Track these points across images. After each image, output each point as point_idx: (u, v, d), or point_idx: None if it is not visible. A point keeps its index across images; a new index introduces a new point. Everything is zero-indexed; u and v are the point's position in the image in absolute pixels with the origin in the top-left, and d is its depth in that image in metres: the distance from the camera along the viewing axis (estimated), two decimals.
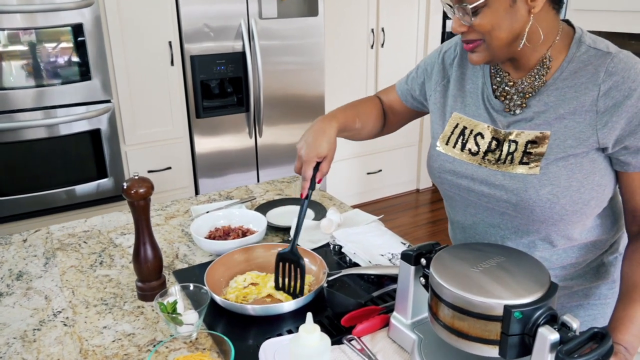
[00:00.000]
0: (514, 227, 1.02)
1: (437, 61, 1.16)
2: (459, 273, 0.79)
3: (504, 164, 0.98)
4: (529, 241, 1.02)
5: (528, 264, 0.81)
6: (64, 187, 2.67)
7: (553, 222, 0.96)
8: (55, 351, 0.98)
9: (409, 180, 4.23)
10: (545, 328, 0.69)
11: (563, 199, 0.93)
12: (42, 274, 1.26)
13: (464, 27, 0.93)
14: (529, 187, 0.94)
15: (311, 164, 1.12)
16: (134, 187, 1.05)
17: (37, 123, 2.50)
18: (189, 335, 0.97)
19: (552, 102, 0.95)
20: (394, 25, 3.67)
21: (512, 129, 0.99)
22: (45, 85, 2.50)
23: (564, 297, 1.09)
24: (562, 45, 0.96)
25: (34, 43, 2.43)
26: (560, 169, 0.93)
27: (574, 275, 1.06)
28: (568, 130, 0.93)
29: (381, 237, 1.32)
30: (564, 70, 0.94)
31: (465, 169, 1.03)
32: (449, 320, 0.78)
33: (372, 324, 0.98)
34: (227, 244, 1.27)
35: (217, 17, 2.84)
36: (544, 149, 0.94)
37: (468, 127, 1.05)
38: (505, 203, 0.98)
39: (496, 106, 1.02)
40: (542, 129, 0.95)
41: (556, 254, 1.03)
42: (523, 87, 0.98)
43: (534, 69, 0.97)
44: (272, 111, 3.17)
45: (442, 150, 1.08)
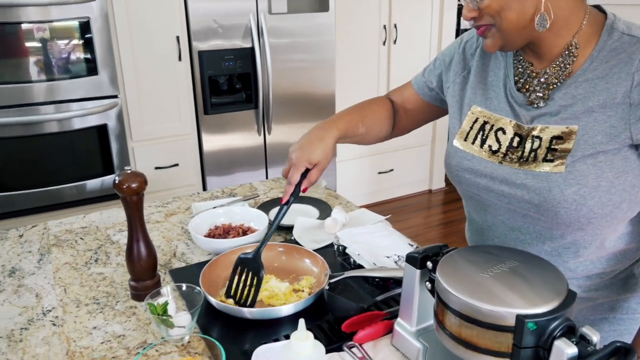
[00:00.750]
0: (536, 231, 0.94)
1: (458, 51, 1.10)
2: (468, 278, 0.72)
3: (527, 162, 0.91)
4: (552, 248, 0.94)
5: (544, 269, 0.74)
6: (70, 183, 2.64)
7: (579, 226, 0.88)
8: (41, 352, 0.93)
9: (422, 180, 4.16)
10: (562, 341, 0.63)
11: (591, 200, 0.85)
12: (36, 270, 1.22)
13: (473, 12, 0.87)
14: (553, 187, 0.87)
15: (299, 169, 1.07)
16: (126, 181, 1.00)
17: (43, 118, 2.48)
18: (181, 339, 0.92)
19: (580, 94, 0.87)
20: (407, 21, 3.59)
21: (535, 124, 0.91)
22: (52, 79, 2.48)
23: (587, 310, 1.01)
24: (590, 31, 0.88)
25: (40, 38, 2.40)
26: (588, 167, 0.85)
27: (599, 286, 0.98)
28: (597, 125, 0.85)
29: (388, 237, 1.26)
30: (594, 60, 0.87)
31: (484, 167, 0.96)
32: (456, 330, 0.71)
33: (375, 330, 0.92)
34: (225, 242, 1.22)
35: (226, 12, 2.80)
36: (571, 145, 0.86)
37: (489, 122, 0.98)
38: (527, 204, 0.91)
39: (519, 99, 0.95)
40: (568, 123, 0.88)
41: (582, 263, 0.95)
42: (546, 77, 0.91)
43: (559, 58, 0.89)
44: (281, 109, 3.12)
45: (460, 146, 1.01)
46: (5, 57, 2.36)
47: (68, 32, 2.46)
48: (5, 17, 2.30)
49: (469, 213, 1.11)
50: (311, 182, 1.08)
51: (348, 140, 1.20)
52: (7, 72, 2.38)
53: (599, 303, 1.00)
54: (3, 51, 2.35)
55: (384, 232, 1.28)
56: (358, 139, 1.22)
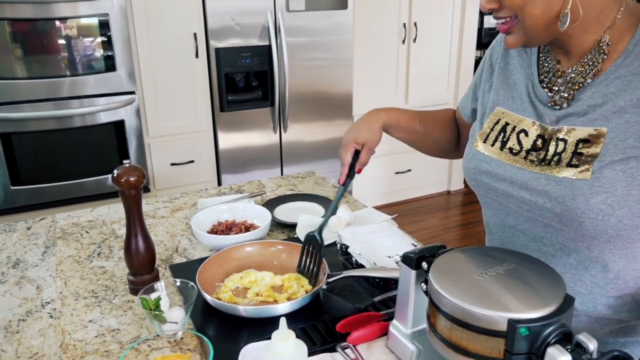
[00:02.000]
0: (560, 242, 0.88)
1: (485, 62, 1.05)
2: (461, 280, 0.69)
3: (549, 166, 0.84)
4: (578, 261, 0.87)
5: (542, 272, 0.71)
6: (87, 178, 2.67)
7: (607, 238, 0.81)
8: (35, 344, 0.93)
9: (440, 181, 4.10)
10: (555, 348, 0.59)
11: (620, 210, 0.78)
12: (39, 262, 1.22)
13: (493, 4, 0.82)
14: (578, 195, 0.80)
15: (348, 149, 1.12)
16: (125, 175, 1.00)
17: (62, 113, 2.51)
18: (173, 334, 0.91)
19: (611, 93, 0.80)
20: (428, 19, 3.53)
21: (561, 125, 0.85)
22: (71, 75, 2.51)
23: (617, 331, 0.92)
24: (626, 25, 0.81)
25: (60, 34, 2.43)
26: (617, 173, 0.78)
27: (632, 307, 0.89)
28: (630, 127, 0.78)
29: (391, 237, 1.23)
30: (628, 55, 0.80)
31: (503, 170, 0.90)
32: (447, 333, 0.68)
33: (370, 331, 0.90)
34: (227, 239, 1.21)
35: (244, 9, 2.80)
36: (598, 149, 0.80)
37: (510, 124, 0.92)
38: (549, 213, 0.85)
39: (543, 99, 0.89)
40: (597, 125, 0.81)
41: (612, 280, 0.87)
42: (572, 77, 0.85)
43: (587, 56, 0.83)
44: (297, 107, 3.10)
45: (480, 149, 0.95)
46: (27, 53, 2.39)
47: (88, 29, 2.49)
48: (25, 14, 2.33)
49: (487, 223, 1.04)
50: (362, 162, 1.14)
51: (403, 135, 1.18)
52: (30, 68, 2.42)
53: (631, 325, 0.91)
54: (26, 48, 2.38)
55: (387, 232, 1.26)
56: (415, 138, 1.19)
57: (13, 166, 2.50)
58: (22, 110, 2.43)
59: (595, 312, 0.90)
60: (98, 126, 2.63)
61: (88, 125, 2.60)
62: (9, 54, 2.36)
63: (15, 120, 2.43)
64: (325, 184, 1.70)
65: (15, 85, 2.40)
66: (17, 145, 2.47)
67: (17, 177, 2.52)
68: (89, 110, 2.56)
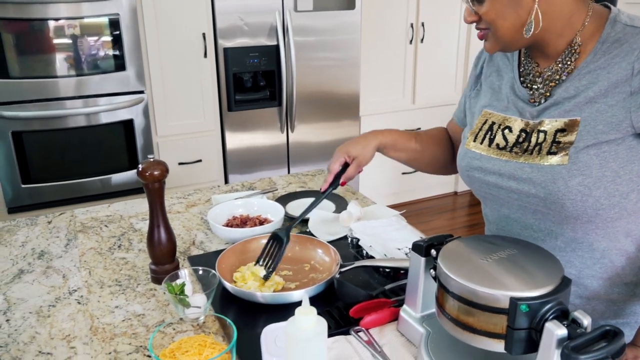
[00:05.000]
0: (547, 227, 0.96)
1: (473, 71, 1.14)
2: (467, 264, 0.75)
3: (532, 155, 0.93)
4: (565, 243, 0.95)
5: (540, 256, 0.77)
6: (96, 177, 2.73)
7: (588, 218, 0.89)
8: (67, 327, 1.00)
9: (447, 182, 4.13)
10: (552, 323, 0.65)
11: (596, 190, 0.86)
12: (63, 254, 1.28)
13: (473, 17, 0.92)
14: (558, 179, 0.88)
15: (338, 159, 1.20)
16: (149, 169, 1.06)
17: (71, 112, 2.56)
18: (196, 318, 0.97)
19: (582, 86, 0.89)
20: (435, 20, 3.57)
21: (541, 119, 0.94)
22: (81, 75, 2.56)
23: (608, 313, 0.99)
24: (594, 27, 0.90)
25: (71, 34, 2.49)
26: (591, 157, 0.86)
27: (621, 289, 0.96)
28: (599, 115, 0.87)
29: (400, 231, 1.29)
30: (596, 52, 0.89)
31: (492, 164, 0.99)
32: (455, 313, 0.74)
33: (381, 316, 0.95)
34: (242, 232, 1.27)
35: (252, 9, 2.85)
36: (574, 137, 0.88)
37: (496, 122, 1.01)
38: (535, 198, 0.93)
39: (523, 96, 0.98)
40: (572, 115, 0.90)
41: (599, 262, 0.94)
42: (549, 74, 0.94)
43: (561, 56, 0.92)
44: (305, 107, 3.16)
45: (470, 147, 1.04)
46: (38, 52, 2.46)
47: (98, 28, 2.55)
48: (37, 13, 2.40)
49: (486, 215, 1.13)
50: (348, 176, 1.21)
51: (401, 154, 1.26)
52: (40, 67, 2.48)
53: (620, 307, 0.98)
54: (37, 47, 2.45)
55: (396, 226, 1.31)
56: (413, 156, 1.27)
57: (24, 164, 2.56)
58: (32, 109, 2.49)
59: (587, 294, 0.97)
60: (107, 125, 2.69)
61: (97, 124, 2.66)
62: (22, 54, 2.42)
63: (25, 119, 2.49)
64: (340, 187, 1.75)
65: (26, 85, 2.46)
66: (28, 144, 2.53)
67: (27, 175, 2.58)
68: (98, 109, 2.62)
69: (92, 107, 2.61)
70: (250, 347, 0.91)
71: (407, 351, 0.89)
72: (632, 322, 0.98)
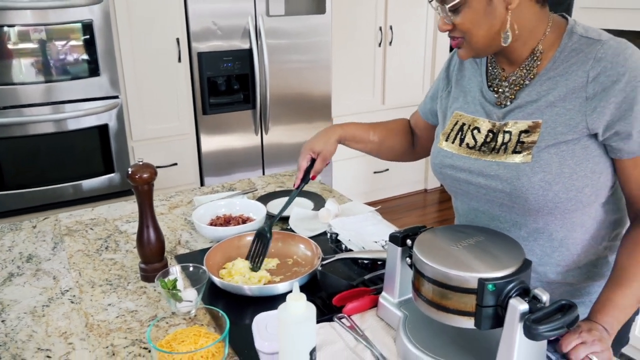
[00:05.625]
0: (512, 219, 1.04)
1: (442, 73, 1.23)
2: (440, 250, 0.84)
3: (498, 154, 1.01)
4: (527, 233, 1.04)
5: (505, 242, 0.86)
6: (71, 182, 2.73)
7: (548, 210, 0.98)
8: (62, 325, 1.04)
9: (417, 180, 4.26)
10: (516, 300, 0.74)
11: (555, 185, 0.95)
12: (51, 257, 1.32)
13: (447, 26, 0.98)
14: (522, 175, 0.97)
15: (305, 156, 1.28)
16: (138, 172, 1.11)
17: (46, 118, 2.56)
18: (188, 312, 1.03)
19: (543, 91, 0.98)
20: (403, 23, 3.69)
21: (507, 120, 1.02)
22: (55, 80, 2.56)
23: (566, 295, 1.09)
24: (554, 37, 0.99)
25: (45, 40, 2.50)
26: (551, 156, 0.95)
27: (576, 273, 1.07)
28: (559, 117, 0.95)
29: (376, 225, 1.37)
30: (556, 60, 0.97)
31: (463, 162, 1.07)
32: (430, 295, 0.82)
33: (362, 303, 1.03)
34: (226, 230, 1.33)
35: (225, 14, 2.90)
36: (536, 137, 0.97)
37: (466, 124, 1.09)
38: (501, 193, 1.01)
39: (490, 99, 1.06)
40: (534, 117, 0.98)
41: (557, 250, 1.04)
42: (514, 79, 1.03)
43: (525, 62, 1.01)
44: (278, 109, 3.22)
45: (443, 146, 1.12)
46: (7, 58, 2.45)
47: (71, 35, 2.56)
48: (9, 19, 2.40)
49: (456, 208, 1.21)
50: (316, 170, 1.29)
51: (360, 145, 1.34)
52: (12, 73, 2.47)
53: (576, 288, 1.09)
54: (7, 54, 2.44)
55: (373, 221, 1.39)
56: (372, 147, 1.36)
57: None
58: (6, 115, 2.47)
59: (547, 279, 1.07)
60: (82, 130, 2.69)
61: (72, 130, 2.66)
62: None
63: None
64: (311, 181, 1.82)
65: None
66: (2, 150, 2.53)
67: (1, 182, 2.57)
68: (72, 115, 2.62)
69: (66, 113, 2.61)
70: (240, 336, 0.97)
71: (387, 334, 0.97)
72: (587, 301, 1.08)
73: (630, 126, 0.91)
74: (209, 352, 0.88)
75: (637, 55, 0.92)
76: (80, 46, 2.60)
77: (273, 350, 0.84)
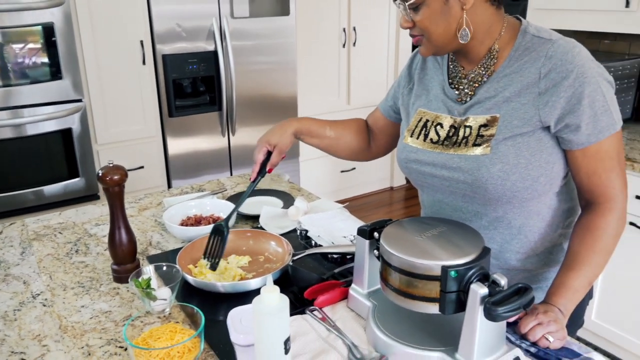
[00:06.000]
0: (474, 209, 1.10)
1: (405, 71, 1.27)
2: (405, 241, 0.88)
3: (460, 147, 1.07)
4: (488, 222, 1.10)
5: (465, 232, 0.91)
6: (34, 187, 2.68)
7: (507, 199, 1.04)
8: (36, 328, 1.04)
9: (383, 178, 4.34)
10: (476, 284, 0.79)
11: (513, 175, 1.01)
12: (20, 261, 1.31)
13: (408, 23, 1.04)
14: (482, 166, 1.03)
15: (261, 149, 1.30)
16: (109, 174, 1.12)
17: (6, 123, 2.50)
18: (162, 311, 1.04)
19: (500, 87, 1.04)
20: (366, 24, 3.76)
21: (467, 115, 1.08)
22: (14, 85, 2.51)
23: (525, 281, 1.15)
24: (508, 37, 1.05)
25: (2, 43, 2.45)
26: (508, 147, 1.01)
27: (534, 260, 1.13)
28: (514, 112, 1.02)
29: (344, 221, 1.41)
30: (511, 59, 1.04)
31: (427, 156, 1.12)
32: (397, 284, 0.87)
33: (332, 295, 1.07)
34: (197, 229, 1.34)
35: (189, 16, 2.90)
36: (494, 130, 1.03)
37: (430, 120, 1.14)
38: (464, 184, 1.07)
39: (452, 96, 1.12)
40: (492, 112, 1.04)
41: (516, 237, 1.10)
42: (472, 76, 1.08)
43: (483, 60, 1.07)
44: (245, 110, 3.23)
45: (408, 142, 1.17)
46: None
47: (32, 38, 2.52)
48: None
49: (422, 201, 1.27)
50: (272, 163, 1.30)
51: (315, 140, 1.36)
52: None
53: (534, 274, 1.16)
54: None
55: (341, 217, 1.44)
56: (328, 143, 1.38)
57: None
58: None
59: (507, 265, 1.13)
60: (44, 135, 2.65)
61: (34, 135, 2.61)
62: None
63: None
64: (280, 180, 1.85)
65: None
66: None
67: None
68: (33, 119, 2.57)
69: (26, 118, 2.55)
70: (214, 332, 1.00)
71: (357, 323, 1.01)
72: (544, 286, 1.15)
73: (578, 119, 0.98)
74: (185, 347, 0.90)
75: (583, 54, 0.99)
76: (41, 49, 2.55)
77: (248, 342, 0.87)
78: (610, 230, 1.03)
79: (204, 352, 0.96)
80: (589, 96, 0.97)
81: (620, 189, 1.03)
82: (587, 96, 0.97)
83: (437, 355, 0.86)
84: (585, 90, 0.97)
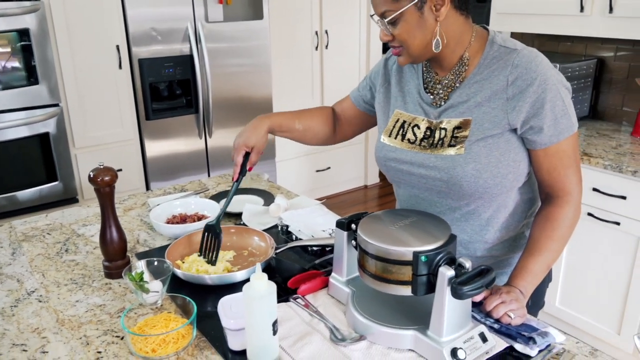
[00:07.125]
0: (448, 204, 1.20)
1: (380, 69, 1.35)
2: (380, 231, 0.97)
3: (436, 148, 1.16)
4: (461, 215, 1.20)
5: (434, 221, 1.01)
6: (13, 192, 2.69)
7: (479, 195, 1.14)
8: (34, 322, 1.10)
9: (357, 177, 4.44)
10: (444, 267, 0.89)
11: (485, 173, 1.11)
12: (11, 261, 1.36)
13: (387, 37, 1.13)
14: (457, 165, 1.12)
15: (240, 152, 1.35)
16: (100, 175, 1.18)
17: None
18: (155, 302, 1.11)
19: (472, 93, 1.13)
20: (337, 27, 3.87)
21: (442, 118, 1.17)
22: None
23: (492, 266, 1.22)
24: (478, 46, 1.15)
25: None
26: (480, 148, 1.11)
27: (499, 247, 1.24)
28: (485, 115, 1.11)
29: (323, 216, 1.50)
30: (481, 66, 1.13)
31: (405, 155, 1.21)
32: (373, 269, 0.96)
33: (314, 284, 1.15)
34: (184, 227, 1.41)
35: (164, 20, 2.94)
36: (467, 132, 1.12)
37: (407, 121, 1.23)
38: (439, 182, 1.16)
39: (427, 100, 1.21)
40: (465, 116, 1.14)
41: (485, 228, 1.20)
42: (446, 82, 1.18)
43: (455, 67, 1.16)
44: (221, 113, 3.29)
45: (386, 142, 1.26)
46: None
47: (7, 43, 2.53)
48: None
49: (398, 196, 1.35)
50: (252, 162, 1.37)
51: (286, 134, 1.43)
52: None
53: (499, 260, 1.26)
54: None
55: (320, 212, 1.52)
56: (297, 135, 1.46)
57: None
58: None
59: (476, 254, 1.24)
60: (21, 140, 2.66)
61: (10, 140, 2.63)
62: None
63: None
64: (259, 179, 1.93)
65: None
66: None
67: None
68: (9, 124, 2.58)
69: (3, 122, 2.57)
70: (204, 321, 1.07)
71: (338, 308, 1.10)
72: (508, 271, 1.25)
73: (541, 122, 1.09)
74: (179, 334, 0.98)
75: (544, 62, 1.10)
76: (16, 55, 2.57)
77: (239, 326, 0.95)
78: (567, 220, 1.14)
79: (196, 339, 1.03)
80: (551, 101, 1.08)
81: (576, 183, 1.15)
82: (548, 101, 1.08)
83: (411, 333, 0.95)
84: (547, 96, 1.07)
